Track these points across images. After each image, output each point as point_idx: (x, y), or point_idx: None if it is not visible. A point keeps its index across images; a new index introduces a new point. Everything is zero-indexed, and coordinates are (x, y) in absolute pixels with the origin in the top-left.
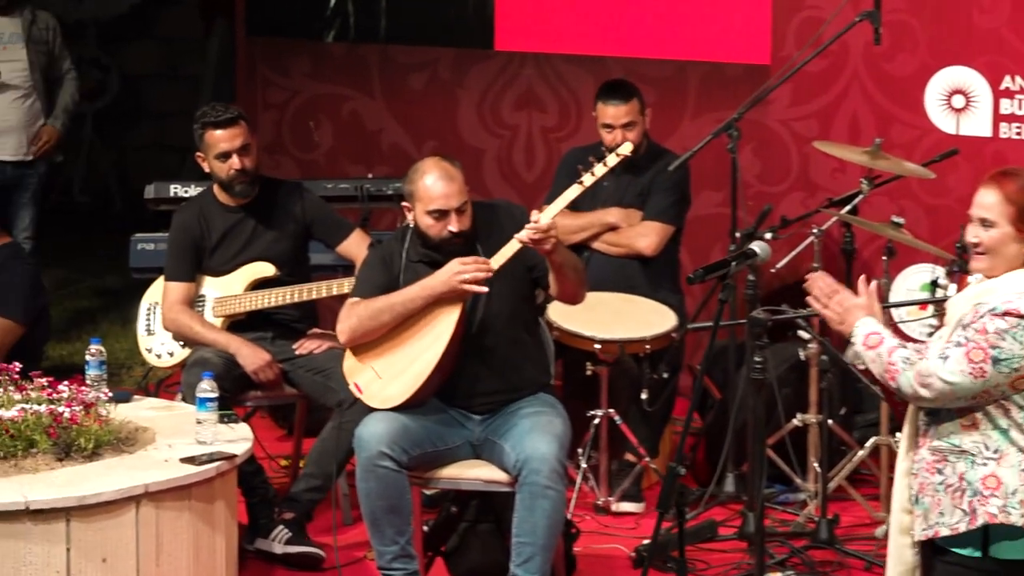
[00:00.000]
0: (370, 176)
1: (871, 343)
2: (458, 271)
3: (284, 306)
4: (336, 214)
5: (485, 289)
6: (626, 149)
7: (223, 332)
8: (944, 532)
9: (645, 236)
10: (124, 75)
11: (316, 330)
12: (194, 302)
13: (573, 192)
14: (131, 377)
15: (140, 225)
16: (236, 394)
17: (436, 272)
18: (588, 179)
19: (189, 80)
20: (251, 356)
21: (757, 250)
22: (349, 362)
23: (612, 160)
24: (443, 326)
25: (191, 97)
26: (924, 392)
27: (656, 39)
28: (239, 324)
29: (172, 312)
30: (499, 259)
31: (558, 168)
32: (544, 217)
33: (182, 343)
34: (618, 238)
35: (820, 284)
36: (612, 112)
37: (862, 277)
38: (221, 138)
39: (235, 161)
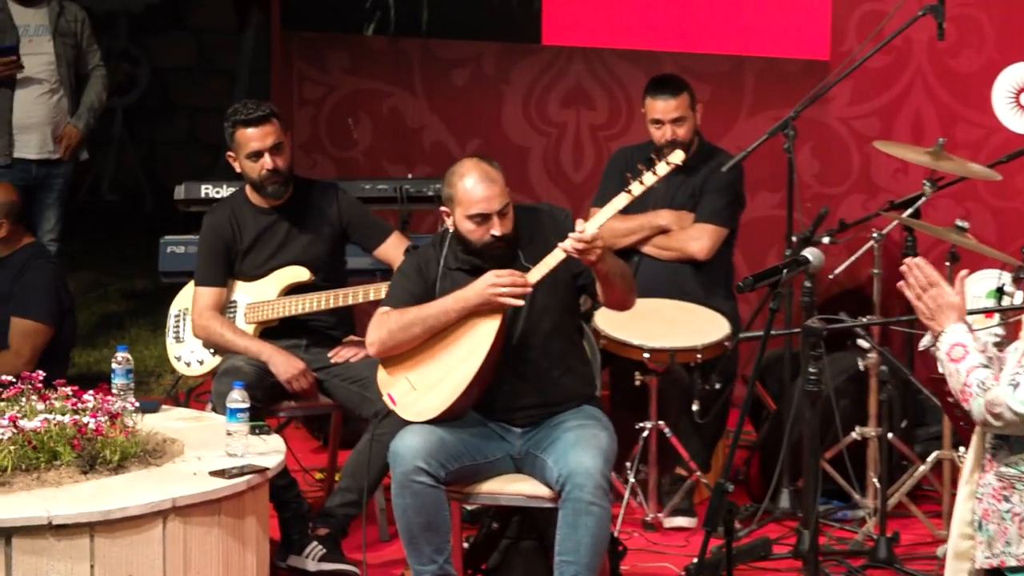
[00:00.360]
0: (410, 176)
1: (955, 355)
2: (493, 283)
3: (319, 312)
4: (374, 216)
5: (521, 302)
6: (677, 157)
7: (255, 339)
8: (1011, 563)
9: (697, 239)
10: (155, 68)
11: (352, 337)
12: (225, 308)
13: (621, 201)
14: (160, 385)
15: (171, 225)
16: (268, 404)
17: (472, 283)
18: (637, 188)
19: (222, 74)
20: (284, 364)
21: (810, 257)
22: (383, 372)
23: (663, 169)
24: (482, 337)
25: (224, 92)
26: (994, 421)
27: (711, 33)
28: (272, 331)
29: (202, 319)
30: (539, 272)
31: (606, 169)
32: (589, 227)
33: (213, 351)
34: (669, 241)
35: (917, 273)
36: (661, 107)
37: (962, 273)
38: (252, 137)
39: (267, 161)
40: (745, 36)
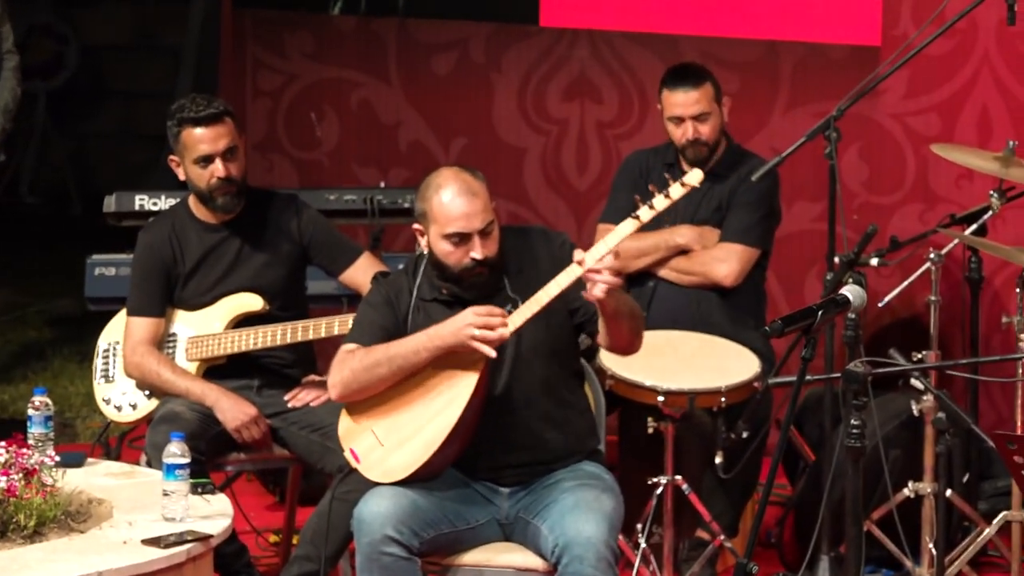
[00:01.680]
0: (383, 185)
1: None
2: (470, 322)
3: (274, 348)
4: (340, 233)
5: (493, 354)
6: (695, 178)
7: (198, 380)
8: None
9: (724, 262)
10: (85, 47)
11: (313, 377)
12: (163, 342)
13: (627, 228)
14: (88, 428)
15: (103, 235)
16: (214, 457)
17: (450, 319)
18: (646, 213)
19: (165, 54)
20: (233, 410)
21: (850, 297)
22: (346, 423)
23: (676, 192)
24: (461, 385)
25: (167, 75)
26: None
27: (740, 14)
28: (218, 370)
29: (135, 354)
30: (521, 316)
31: (616, 177)
32: (589, 258)
33: (148, 393)
34: (691, 264)
35: None
36: (681, 100)
37: None
38: (202, 138)
39: (218, 167)
40: (781, 17)
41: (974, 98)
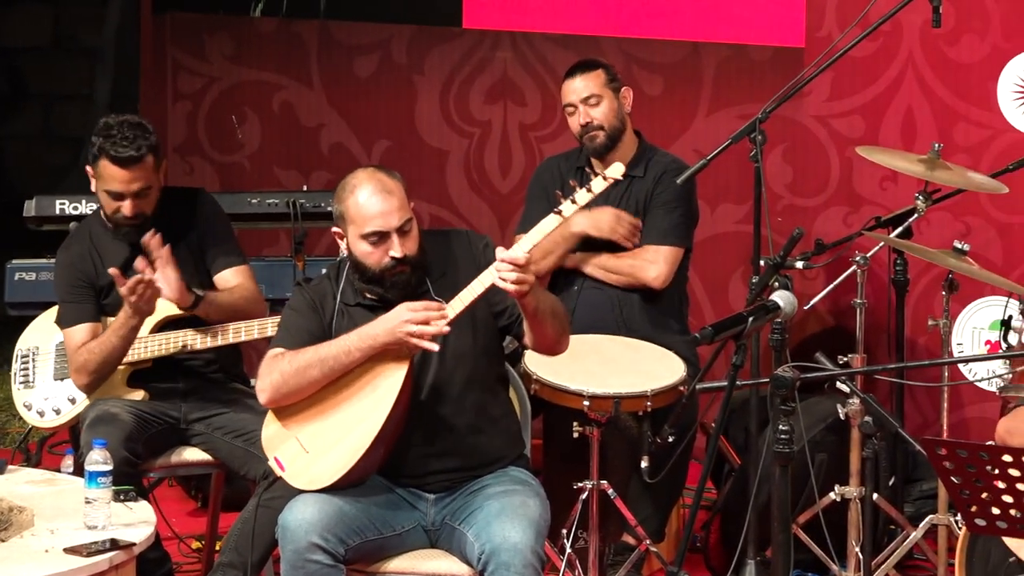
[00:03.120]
0: (305, 188)
1: None
2: (406, 319)
3: (199, 351)
4: (232, 237)
5: (435, 347)
6: (616, 171)
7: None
8: None
9: (653, 263)
10: (3, 49)
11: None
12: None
13: (550, 224)
14: (8, 435)
15: (22, 238)
16: (150, 459)
17: (381, 317)
18: (568, 208)
19: (85, 56)
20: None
21: (781, 303)
22: (269, 430)
23: (599, 185)
24: (385, 389)
25: (86, 77)
26: None
27: (663, 15)
28: (144, 373)
29: (81, 356)
30: (460, 304)
31: (530, 186)
32: (511, 255)
33: (71, 398)
34: (620, 264)
35: None
36: (571, 87)
37: None
38: (116, 176)
39: (126, 207)
40: (704, 18)
41: (898, 100)
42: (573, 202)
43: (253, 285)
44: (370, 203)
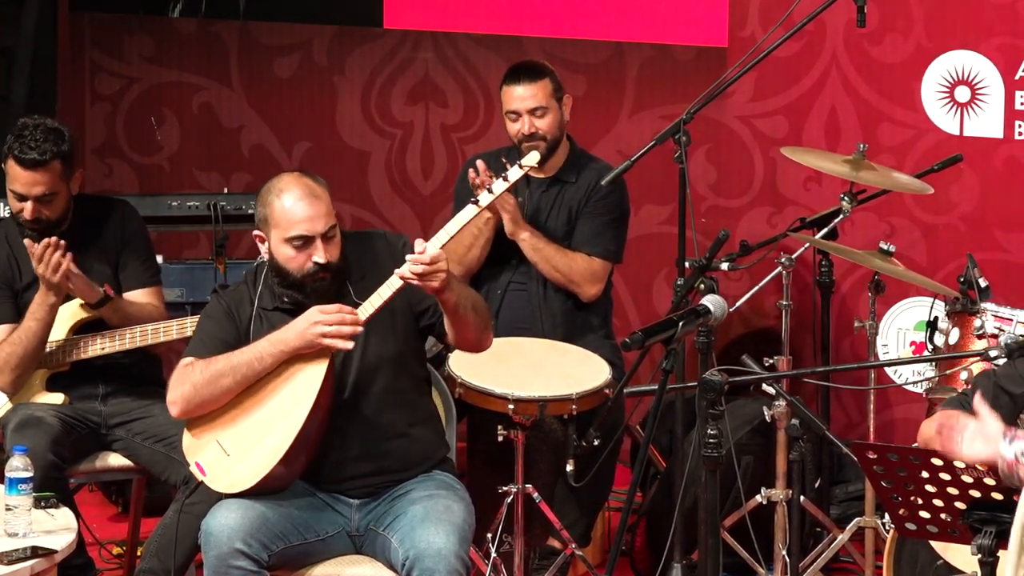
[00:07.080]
0: (226, 191)
1: None
2: (317, 320)
3: (117, 353)
4: (151, 256)
5: (350, 345)
6: (532, 160)
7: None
8: None
9: (598, 281)
10: None
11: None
12: None
13: (467, 215)
14: None
15: None
16: (77, 462)
17: (292, 322)
18: (485, 198)
19: (0, 55)
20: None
21: (711, 307)
22: (189, 437)
23: (515, 174)
24: (305, 389)
25: (2, 78)
26: None
27: (585, 15)
28: (63, 377)
29: (0, 353)
30: (371, 306)
31: (457, 184)
32: (431, 247)
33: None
34: (560, 261)
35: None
36: (517, 94)
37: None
38: (19, 177)
39: (27, 209)
40: (627, 18)
41: (822, 100)
42: (490, 192)
43: (162, 307)
44: (296, 207)
